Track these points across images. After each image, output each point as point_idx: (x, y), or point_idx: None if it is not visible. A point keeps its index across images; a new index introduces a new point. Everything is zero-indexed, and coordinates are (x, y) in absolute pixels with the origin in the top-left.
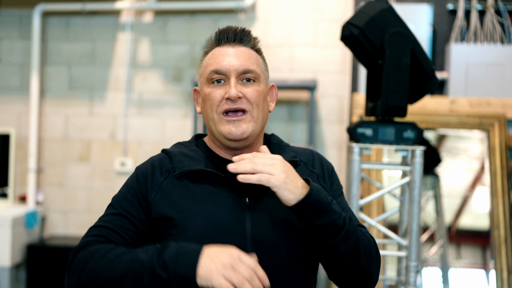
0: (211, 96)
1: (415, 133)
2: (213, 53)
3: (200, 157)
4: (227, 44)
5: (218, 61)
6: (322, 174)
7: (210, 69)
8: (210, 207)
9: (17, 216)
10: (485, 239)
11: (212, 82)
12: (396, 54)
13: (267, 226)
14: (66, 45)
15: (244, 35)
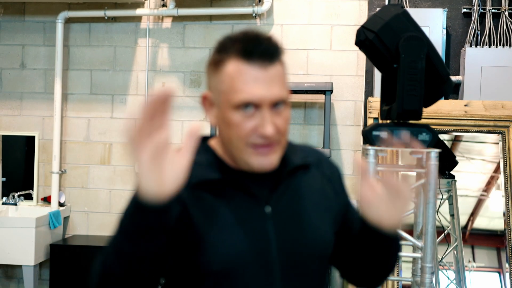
0: (241, 128)
1: (430, 136)
2: (240, 73)
3: (214, 164)
4: (258, 62)
5: (250, 88)
6: (333, 175)
7: (241, 97)
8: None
9: (41, 217)
10: (500, 240)
11: (239, 109)
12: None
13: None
14: (88, 51)
15: (276, 50)
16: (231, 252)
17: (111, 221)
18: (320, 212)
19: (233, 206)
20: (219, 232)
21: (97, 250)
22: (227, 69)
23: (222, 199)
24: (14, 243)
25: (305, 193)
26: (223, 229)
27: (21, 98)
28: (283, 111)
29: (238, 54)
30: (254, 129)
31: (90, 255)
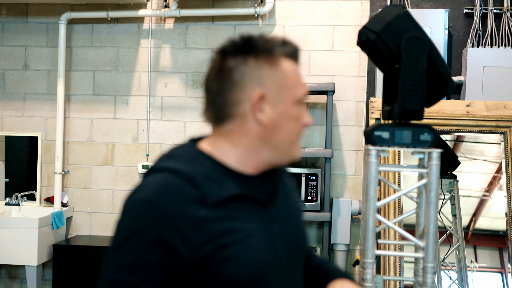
0: (300, 120)
1: (431, 136)
2: (295, 71)
3: (221, 176)
4: (298, 63)
5: (302, 83)
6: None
7: (303, 91)
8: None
9: (43, 217)
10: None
11: (299, 104)
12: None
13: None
14: (91, 52)
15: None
16: (258, 262)
17: (113, 221)
18: (299, 211)
19: (249, 215)
20: (249, 243)
21: (100, 250)
22: (285, 67)
23: (238, 210)
24: (17, 243)
25: (291, 194)
26: (250, 239)
27: (24, 99)
28: None
29: (287, 55)
30: (306, 120)
31: (93, 255)
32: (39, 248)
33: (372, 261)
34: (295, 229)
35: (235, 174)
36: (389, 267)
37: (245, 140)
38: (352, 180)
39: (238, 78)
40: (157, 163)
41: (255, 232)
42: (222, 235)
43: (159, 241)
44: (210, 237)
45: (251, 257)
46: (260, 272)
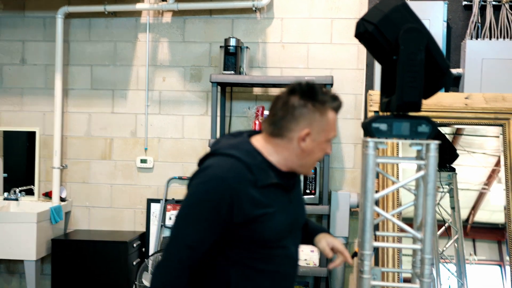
0: (324, 151)
1: (429, 128)
2: (334, 120)
3: (267, 169)
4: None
5: (335, 129)
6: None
7: (334, 134)
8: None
9: (42, 212)
10: (501, 233)
11: (328, 142)
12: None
13: (299, 209)
14: (89, 46)
15: None
16: (280, 227)
17: (112, 215)
18: (302, 196)
19: (279, 197)
20: (275, 215)
21: (99, 245)
22: (330, 116)
23: (274, 192)
24: (15, 238)
25: (299, 191)
26: (277, 212)
27: (21, 93)
28: None
29: (333, 109)
30: (325, 153)
31: (92, 250)
32: (37, 242)
33: (370, 253)
34: (301, 207)
35: (275, 169)
36: (387, 260)
37: (286, 153)
38: (351, 173)
39: (297, 115)
40: (223, 149)
41: (280, 209)
42: (262, 208)
43: (225, 203)
44: (255, 208)
45: (276, 224)
46: (279, 233)
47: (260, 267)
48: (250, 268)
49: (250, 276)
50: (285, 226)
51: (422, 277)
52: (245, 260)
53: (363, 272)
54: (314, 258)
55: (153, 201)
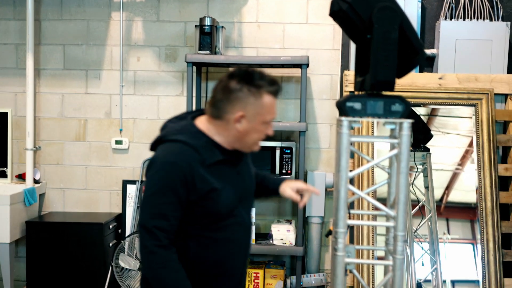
0: (263, 133)
1: (403, 106)
2: (272, 103)
3: (213, 148)
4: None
5: (273, 112)
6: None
7: (271, 117)
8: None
9: (15, 194)
10: (473, 212)
11: (266, 124)
12: (384, 28)
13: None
14: (61, 25)
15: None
16: (230, 200)
17: (87, 197)
18: (250, 165)
19: (226, 172)
20: (224, 189)
21: (74, 226)
22: (265, 100)
23: (221, 169)
24: None
25: (248, 161)
26: (225, 187)
27: None
28: None
29: (270, 93)
30: (264, 133)
31: (67, 232)
32: (11, 225)
33: (344, 231)
34: (249, 176)
35: (220, 147)
36: (362, 238)
37: (226, 133)
38: (327, 153)
39: (233, 98)
40: (170, 135)
41: (228, 184)
42: (211, 184)
43: (181, 184)
44: (206, 185)
45: (226, 198)
46: (230, 206)
47: (215, 237)
48: (207, 238)
49: (206, 245)
50: (235, 198)
51: (395, 254)
52: (201, 232)
53: (337, 250)
54: (290, 237)
55: (128, 183)
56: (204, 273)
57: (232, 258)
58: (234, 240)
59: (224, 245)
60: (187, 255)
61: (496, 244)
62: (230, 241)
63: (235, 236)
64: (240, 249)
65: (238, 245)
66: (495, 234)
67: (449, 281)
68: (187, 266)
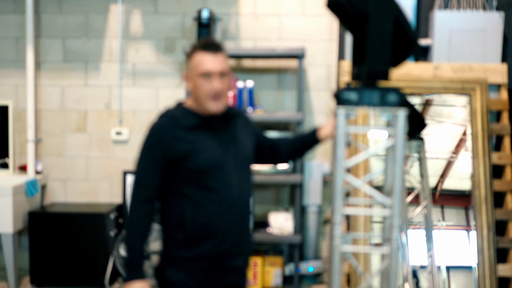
0: (202, 87)
1: (398, 97)
2: (200, 58)
3: (190, 115)
4: (210, 51)
5: (206, 65)
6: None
7: (202, 69)
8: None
9: (17, 185)
10: (467, 200)
11: (202, 77)
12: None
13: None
14: (60, 18)
15: (219, 45)
16: (207, 159)
17: (88, 187)
18: (244, 135)
19: (204, 136)
20: (203, 148)
21: (76, 217)
22: (195, 57)
23: (200, 132)
24: None
25: (238, 127)
26: (204, 146)
27: None
28: (225, 78)
29: (200, 48)
30: (209, 87)
31: (69, 222)
32: (14, 215)
33: (340, 219)
34: (241, 145)
35: (196, 115)
36: (359, 226)
37: (191, 99)
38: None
39: (186, 64)
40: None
41: (207, 144)
42: (187, 144)
43: (160, 146)
44: (181, 144)
45: (202, 157)
46: (212, 163)
47: (204, 196)
48: (197, 198)
49: (197, 204)
50: (216, 158)
51: (391, 242)
52: (191, 193)
53: (334, 238)
54: (288, 226)
55: (129, 173)
56: (194, 234)
57: (221, 219)
58: (222, 201)
59: (212, 206)
60: (180, 214)
61: (490, 231)
62: (218, 202)
63: (223, 197)
64: (230, 211)
65: (227, 207)
66: (489, 221)
67: (444, 267)
68: (180, 224)
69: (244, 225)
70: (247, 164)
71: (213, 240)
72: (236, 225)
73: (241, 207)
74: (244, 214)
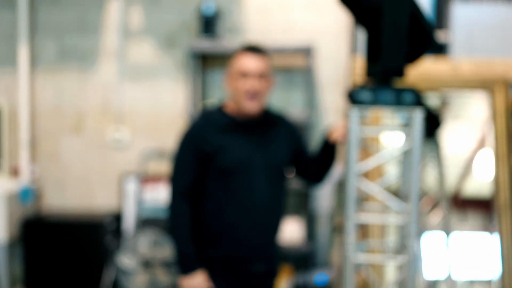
0: (241, 85)
1: (414, 96)
2: (242, 59)
3: (224, 117)
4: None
5: (246, 65)
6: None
7: (241, 68)
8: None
9: (11, 191)
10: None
11: (241, 77)
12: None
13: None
14: (55, 13)
15: (260, 49)
16: (236, 158)
17: (85, 191)
18: (283, 144)
19: (237, 137)
20: (231, 148)
21: (72, 225)
22: (238, 58)
23: (232, 134)
24: None
25: (276, 134)
26: (233, 147)
27: None
28: (264, 80)
29: (245, 50)
30: (246, 86)
31: (64, 229)
32: (8, 223)
33: (354, 226)
34: (274, 153)
35: (230, 117)
36: (373, 231)
37: (232, 97)
38: None
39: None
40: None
41: (236, 145)
42: (220, 141)
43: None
44: (214, 143)
45: (232, 155)
46: (237, 165)
47: (227, 199)
48: (220, 200)
49: (219, 207)
50: (242, 159)
51: (408, 250)
52: (215, 194)
53: (347, 245)
54: (298, 233)
55: (127, 175)
56: (215, 235)
57: (241, 224)
58: (244, 206)
59: (234, 209)
60: (203, 214)
61: None
62: (240, 206)
63: (246, 201)
64: (252, 217)
65: (249, 212)
66: None
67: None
68: (202, 224)
69: (268, 232)
70: (278, 172)
71: (232, 243)
72: (258, 231)
73: (265, 214)
74: (268, 220)
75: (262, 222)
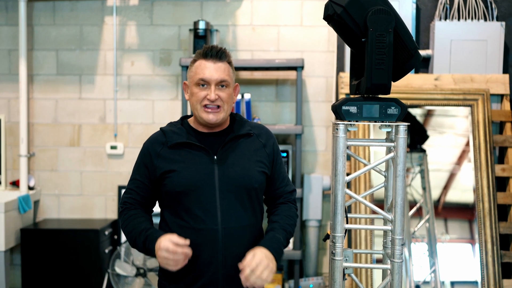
0: (198, 95)
1: (399, 109)
2: (199, 65)
3: (183, 132)
4: (211, 59)
5: (203, 72)
6: (267, 143)
7: (198, 77)
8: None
9: (9, 201)
10: (471, 212)
11: (198, 85)
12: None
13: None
14: (53, 30)
15: (222, 53)
16: (187, 180)
17: (82, 203)
18: (251, 162)
19: (193, 155)
20: (182, 169)
21: (69, 234)
22: (195, 64)
23: (185, 151)
24: None
25: (243, 150)
26: (185, 167)
27: None
28: (225, 89)
29: (202, 56)
30: (205, 96)
31: (62, 239)
32: (6, 233)
33: (341, 235)
34: (235, 170)
35: (192, 132)
36: (360, 241)
37: (191, 107)
38: (323, 156)
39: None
40: None
41: (188, 165)
42: (170, 163)
43: (144, 162)
44: (164, 163)
45: (182, 177)
46: (187, 185)
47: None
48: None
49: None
50: (195, 181)
51: (393, 258)
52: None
53: (335, 254)
54: None
55: (124, 188)
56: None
57: (199, 251)
58: (200, 232)
59: (188, 236)
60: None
61: (494, 245)
62: (195, 232)
63: (201, 227)
64: (211, 244)
65: (207, 239)
66: (493, 235)
67: (448, 282)
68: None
69: (233, 260)
70: (243, 192)
71: (193, 274)
72: (220, 259)
73: (227, 240)
74: (232, 247)
75: (224, 249)
